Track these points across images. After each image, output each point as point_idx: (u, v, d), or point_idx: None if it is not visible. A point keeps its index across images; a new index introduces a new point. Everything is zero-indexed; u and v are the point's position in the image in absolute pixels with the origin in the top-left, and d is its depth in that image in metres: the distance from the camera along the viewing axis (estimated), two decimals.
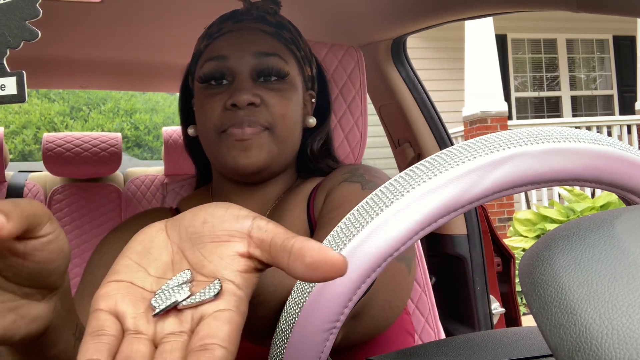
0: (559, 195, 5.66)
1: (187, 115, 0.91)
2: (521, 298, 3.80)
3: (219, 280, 0.31)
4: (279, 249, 0.31)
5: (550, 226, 4.73)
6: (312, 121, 0.86)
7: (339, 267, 0.29)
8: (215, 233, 0.33)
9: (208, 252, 0.33)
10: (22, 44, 0.37)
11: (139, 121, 9.31)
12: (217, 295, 0.30)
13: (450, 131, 4.17)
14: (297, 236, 0.32)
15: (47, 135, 2.20)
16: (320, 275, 0.30)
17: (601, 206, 4.83)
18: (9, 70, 0.37)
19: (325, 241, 0.35)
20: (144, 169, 2.41)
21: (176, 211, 0.87)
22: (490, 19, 5.68)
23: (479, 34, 5.80)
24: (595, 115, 7.62)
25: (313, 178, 0.86)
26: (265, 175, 0.81)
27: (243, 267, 0.32)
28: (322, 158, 0.88)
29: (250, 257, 0.33)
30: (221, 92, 0.79)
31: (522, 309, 3.91)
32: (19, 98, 0.37)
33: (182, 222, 0.35)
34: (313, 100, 0.89)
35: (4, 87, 0.37)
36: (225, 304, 0.30)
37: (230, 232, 0.33)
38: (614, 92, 7.83)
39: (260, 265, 0.33)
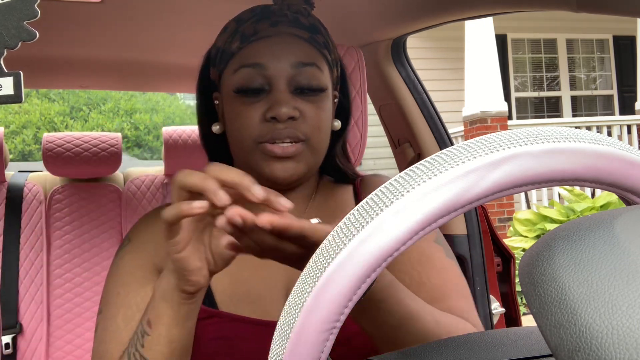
0: (559, 195, 5.66)
1: (207, 110, 0.89)
2: (521, 298, 3.80)
3: None
4: None
5: (550, 226, 4.73)
6: (337, 124, 0.87)
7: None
8: None
9: None
10: (19, 44, 0.37)
11: (139, 121, 9.31)
12: None
13: (450, 131, 4.17)
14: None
15: (47, 135, 2.20)
16: None
17: (601, 206, 4.83)
18: (6, 71, 0.37)
19: (325, 242, 0.35)
20: (144, 169, 2.41)
21: None
22: (490, 19, 5.68)
23: (479, 34, 5.80)
24: (595, 115, 7.62)
25: (342, 185, 0.90)
26: (297, 183, 0.83)
27: None
28: (344, 160, 0.91)
29: None
30: (258, 102, 0.77)
31: (522, 309, 3.91)
32: (15, 98, 0.37)
33: None
34: (336, 100, 0.88)
35: (1, 87, 0.37)
36: None
37: None
38: (614, 92, 7.83)
39: None
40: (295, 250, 0.56)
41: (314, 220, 0.55)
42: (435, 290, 0.79)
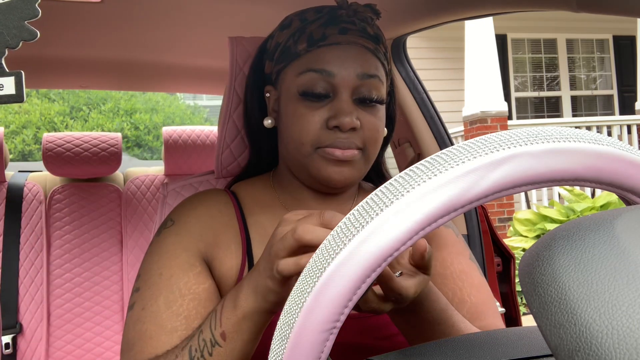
0: (559, 195, 5.66)
1: (257, 103, 0.89)
2: (521, 298, 3.80)
3: None
4: None
5: (550, 226, 4.73)
6: (385, 132, 0.88)
7: None
8: None
9: None
10: (20, 43, 0.37)
11: (138, 121, 9.30)
12: None
13: (450, 131, 4.17)
14: None
15: (47, 135, 2.20)
16: None
17: (601, 206, 4.83)
18: (7, 70, 0.37)
19: (325, 241, 0.35)
20: (144, 169, 2.41)
21: (232, 193, 0.88)
22: (490, 19, 5.68)
23: (479, 34, 5.80)
24: (595, 115, 7.62)
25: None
26: (348, 187, 0.85)
27: None
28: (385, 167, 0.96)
29: None
30: (321, 107, 0.78)
31: (522, 309, 3.91)
32: (17, 98, 0.37)
33: None
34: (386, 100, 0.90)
35: (3, 87, 0.37)
36: None
37: None
38: (614, 92, 7.83)
39: None
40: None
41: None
42: (474, 307, 0.82)
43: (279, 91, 0.84)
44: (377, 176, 0.95)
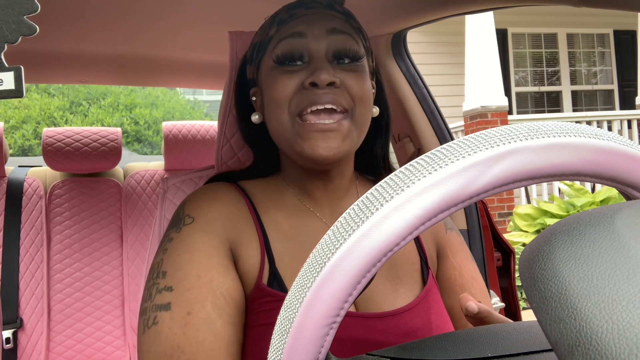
0: (559, 190, 5.66)
1: (245, 108, 0.90)
2: (521, 293, 3.81)
3: None
4: None
5: (551, 221, 4.73)
6: (376, 110, 0.86)
7: None
8: None
9: None
10: (20, 38, 0.37)
11: (138, 116, 9.29)
12: None
13: (450, 126, 4.17)
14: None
15: (47, 130, 2.20)
16: None
17: (601, 201, 4.83)
18: (7, 65, 0.37)
19: (325, 236, 0.35)
20: (144, 164, 2.41)
21: (239, 187, 0.86)
22: (490, 14, 5.67)
23: (480, 29, 5.78)
24: (596, 109, 7.61)
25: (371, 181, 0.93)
26: (341, 162, 0.82)
27: None
28: (384, 158, 0.93)
29: None
30: (297, 71, 0.77)
31: (522, 304, 3.92)
32: (16, 93, 0.37)
33: None
34: (373, 90, 0.88)
35: (2, 82, 0.37)
36: None
37: None
38: (615, 86, 7.82)
39: None
40: None
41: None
42: None
43: (260, 84, 0.84)
44: (385, 170, 0.94)
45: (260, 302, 0.73)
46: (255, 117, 0.86)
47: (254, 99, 0.88)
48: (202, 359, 0.65)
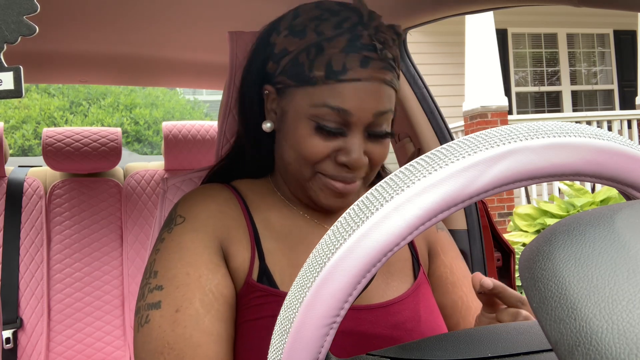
0: (559, 190, 5.66)
1: (253, 101, 0.86)
2: (521, 293, 3.80)
3: None
4: None
5: (551, 221, 4.73)
6: None
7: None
8: None
9: None
10: (19, 39, 0.37)
11: (138, 116, 9.29)
12: None
13: (450, 126, 4.17)
14: None
15: (47, 130, 2.20)
16: None
17: (601, 201, 4.82)
18: (6, 66, 0.37)
19: (325, 236, 0.35)
20: (144, 164, 2.41)
21: (233, 188, 0.86)
22: (490, 14, 5.67)
23: (480, 29, 5.78)
24: (596, 109, 7.61)
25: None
26: None
27: None
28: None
29: None
30: (332, 140, 0.76)
31: None
32: (16, 93, 0.37)
33: None
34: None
35: (1, 82, 0.37)
36: None
37: None
38: (615, 86, 7.81)
39: None
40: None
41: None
42: (478, 312, 0.84)
43: (283, 103, 0.81)
44: (383, 171, 0.96)
45: (250, 298, 0.74)
46: (266, 126, 0.83)
47: (266, 92, 0.83)
48: (190, 354, 0.67)
